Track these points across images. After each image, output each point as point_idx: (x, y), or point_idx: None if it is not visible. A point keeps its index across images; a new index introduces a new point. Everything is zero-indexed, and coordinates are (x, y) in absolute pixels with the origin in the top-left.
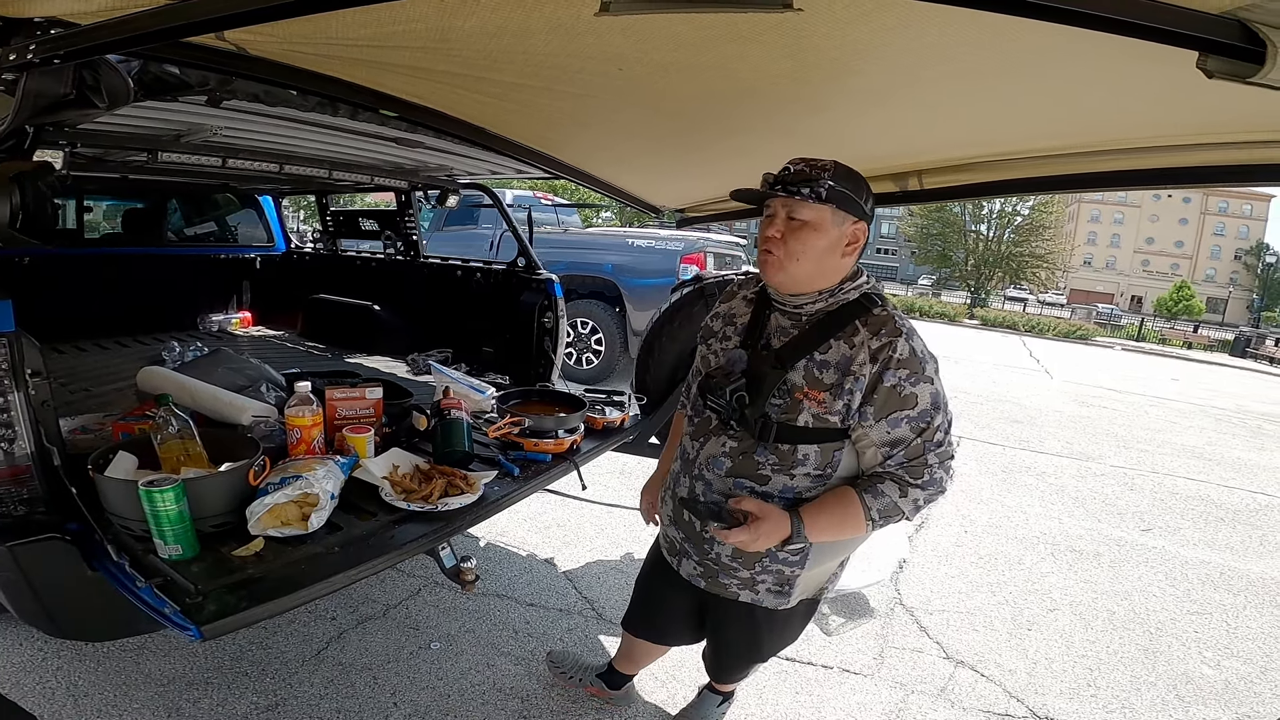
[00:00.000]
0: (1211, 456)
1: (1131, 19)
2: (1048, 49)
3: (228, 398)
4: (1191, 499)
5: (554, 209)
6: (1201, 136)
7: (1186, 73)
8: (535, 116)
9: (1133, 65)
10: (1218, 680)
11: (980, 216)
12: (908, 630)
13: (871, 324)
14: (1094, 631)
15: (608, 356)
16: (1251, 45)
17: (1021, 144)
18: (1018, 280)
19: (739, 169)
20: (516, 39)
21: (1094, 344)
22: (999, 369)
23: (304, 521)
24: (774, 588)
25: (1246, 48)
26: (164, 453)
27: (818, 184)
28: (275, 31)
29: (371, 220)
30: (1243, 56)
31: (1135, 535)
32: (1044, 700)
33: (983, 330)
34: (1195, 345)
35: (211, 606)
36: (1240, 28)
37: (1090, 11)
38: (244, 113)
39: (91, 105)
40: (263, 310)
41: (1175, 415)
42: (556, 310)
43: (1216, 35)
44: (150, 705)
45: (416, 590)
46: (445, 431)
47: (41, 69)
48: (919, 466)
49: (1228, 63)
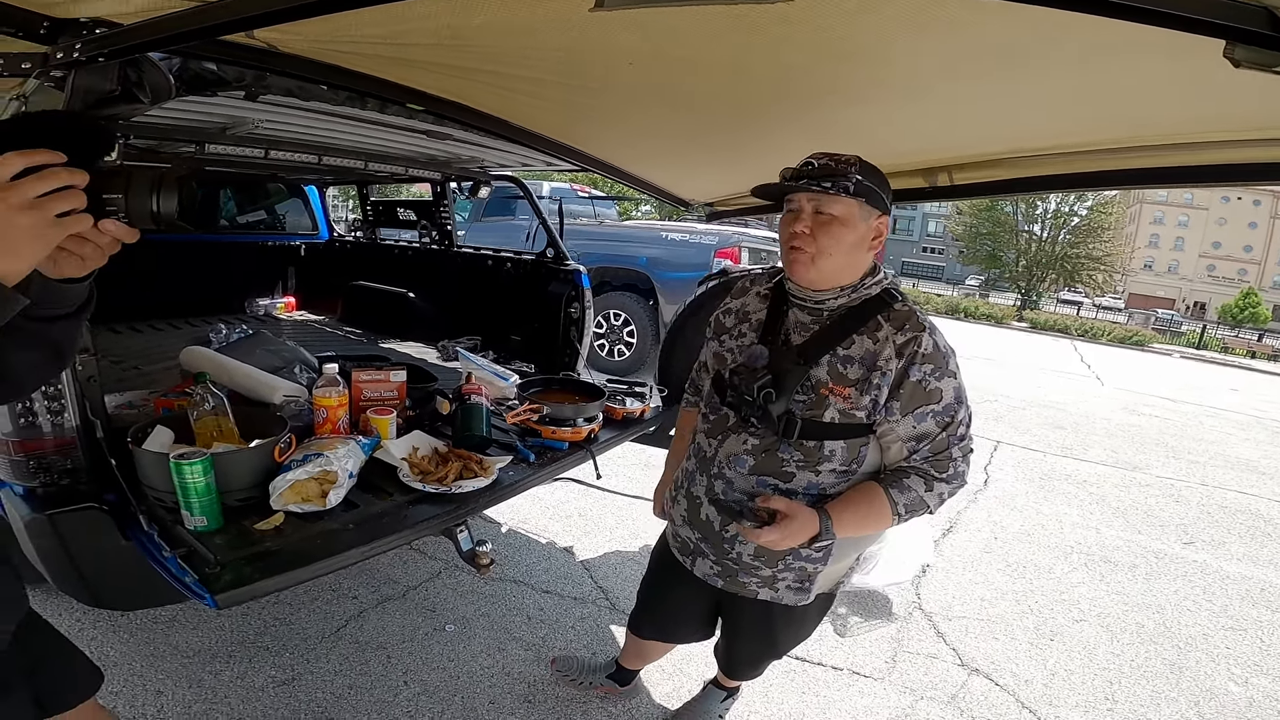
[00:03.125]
0: (1265, 470)
1: (1161, 8)
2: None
3: (262, 377)
4: (1239, 513)
5: (590, 201)
6: (1231, 134)
7: (1213, 66)
8: (556, 110)
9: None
10: (1242, 698)
11: (1034, 216)
12: (924, 635)
13: (894, 319)
14: (1120, 644)
15: (640, 349)
16: (1278, 33)
17: (1053, 140)
18: (1072, 283)
19: (764, 164)
20: (525, 35)
21: (1151, 350)
22: (1044, 373)
23: (323, 498)
24: (794, 584)
25: (1274, 35)
26: (199, 428)
27: (845, 178)
28: (300, 30)
29: (409, 210)
30: (1270, 45)
31: (1176, 548)
32: (1057, 712)
33: (1032, 333)
34: (1259, 355)
35: (227, 577)
36: (1268, 15)
37: (1122, 1)
38: (281, 107)
39: (136, 100)
40: (306, 295)
41: (1231, 427)
42: (583, 301)
43: (1244, 23)
44: (174, 676)
45: (437, 572)
46: (465, 416)
47: (88, 66)
48: (944, 460)
49: (1255, 51)
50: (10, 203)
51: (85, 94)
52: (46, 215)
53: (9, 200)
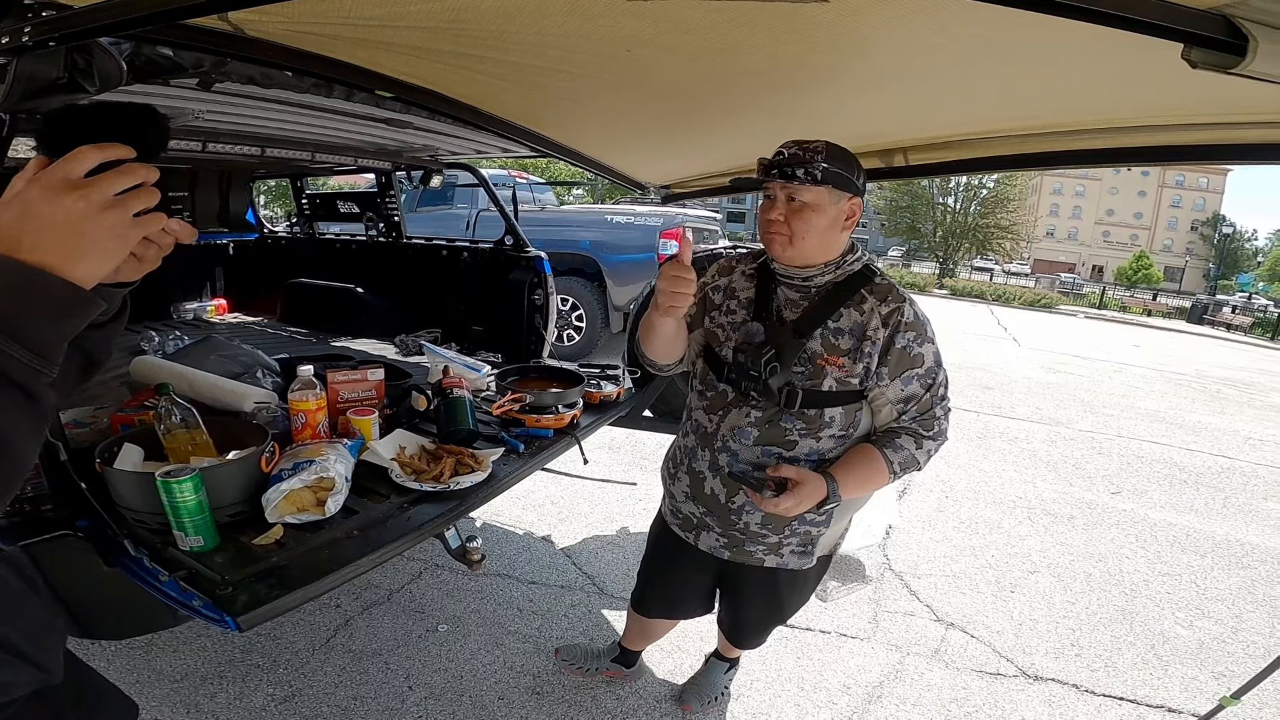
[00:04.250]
0: (1174, 420)
1: (1125, 14)
2: (1038, 36)
3: (228, 385)
4: (1156, 462)
5: (530, 187)
6: (1171, 118)
7: (1163, 61)
8: (533, 96)
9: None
10: (1191, 640)
11: (948, 189)
12: (899, 594)
13: (877, 292)
14: (1073, 593)
15: (589, 332)
16: (1234, 39)
17: (1004, 123)
18: (984, 251)
19: (733, 147)
20: (531, 19)
21: (1058, 312)
22: (968, 337)
23: (320, 507)
24: (798, 549)
25: (1229, 41)
26: (170, 443)
27: (812, 166)
28: (283, 11)
29: (351, 203)
30: (1225, 49)
31: (1105, 498)
32: (1032, 660)
33: (952, 300)
34: (1154, 313)
35: (243, 596)
36: (1225, 22)
37: (1087, 6)
38: (231, 95)
39: (82, 89)
40: (238, 297)
41: (1138, 381)
42: (546, 287)
43: (1202, 29)
44: (169, 701)
45: (418, 574)
46: (449, 410)
47: (34, 52)
48: (930, 419)
49: (1212, 54)
50: (92, 200)
51: (28, 82)
52: (126, 214)
53: (91, 198)
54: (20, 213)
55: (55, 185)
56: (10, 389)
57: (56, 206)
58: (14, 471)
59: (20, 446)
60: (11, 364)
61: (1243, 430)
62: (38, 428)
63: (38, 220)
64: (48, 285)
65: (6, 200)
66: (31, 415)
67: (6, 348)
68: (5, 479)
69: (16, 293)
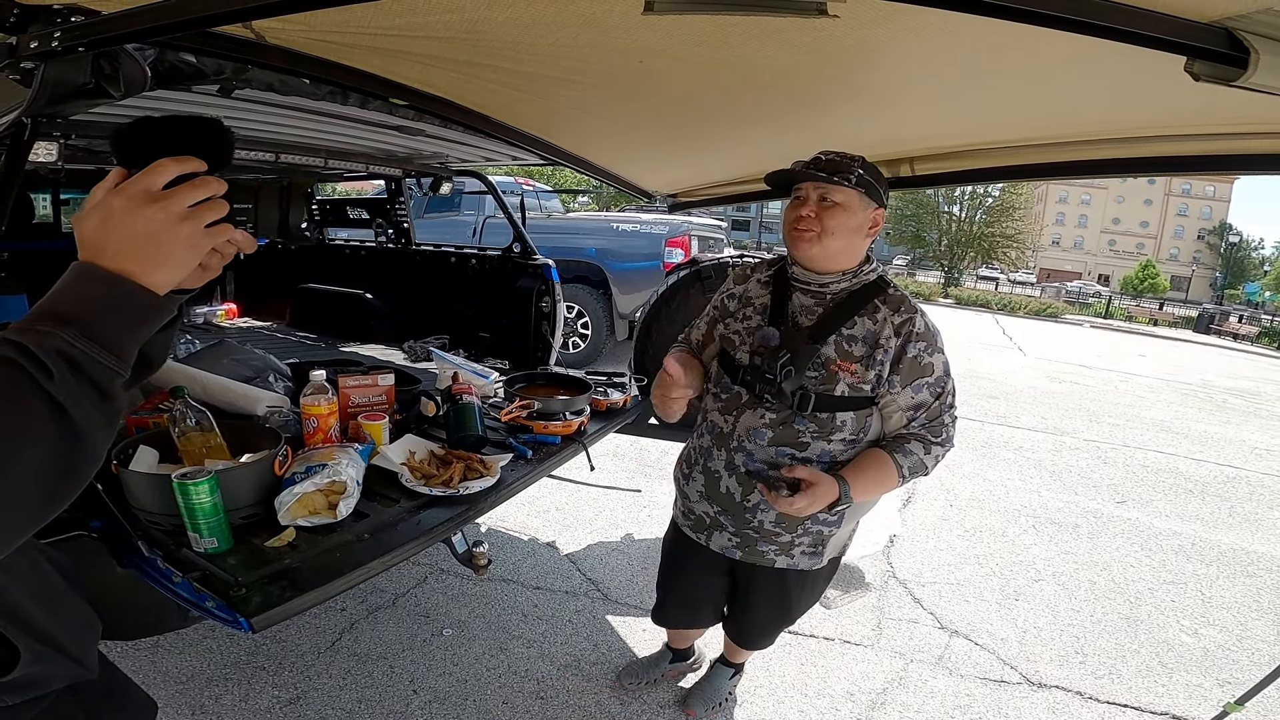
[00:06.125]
0: (1179, 430)
1: (1129, 28)
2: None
3: (241, 389)
4: (1161, 471)
5: (536, 194)
6: (1175, 129)
7: (1166, 74)
8: (545, 105)
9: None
10: (1197, 648)
11: (953, 198)
12: (902, 602)
13: (890, 302)
14: (1077, 601)
15: (594, 340)
16: (1236, 52)
17: (1009, 134)
18: (989, 260)
19: (741, 158)
20: (546, 31)
21: (1063, 321)
22: (974, 346)
23: (332, 510)
24: (809, 549)
25: (1232, 54)
26: (185, 445)
27: (849, 172)
28: (305, 19)
29: (361, 209)
30: (1228, 62)
31: (1110, 507)
32: (1036, 667)
33: (957, 309)
34: (1160, 322)
35: (257, 598)
36: (1227, 36)
37: (1093, 21)
38: (247, 101)
39: (107, 95)
40: (248, 302)
41: (1143, 390)
42: (554, 294)
43: (1205, 43)
44: (174, 703)
45: (423, 578)
46: (459, 416)
47: (63, 57)
48: (938, 426)
49: (1214, 67)
50: (171, 211)
51: (54, 87)
52: (199, 225)
53: (170, 210)
54: (103, 221)
55: (137, 196)
56: (89, 388)
57: (138, 217)
58: (88, 465)
59: (94, 441)
60: (92, 364)
61: (1249, 440)
62: (111, 425)
63: (120, 229)
64: (129, 291)
65: (89, 209)
66: (106, 413)
67: (87, 349)
68: (80, 473)
69: (99, 298)
